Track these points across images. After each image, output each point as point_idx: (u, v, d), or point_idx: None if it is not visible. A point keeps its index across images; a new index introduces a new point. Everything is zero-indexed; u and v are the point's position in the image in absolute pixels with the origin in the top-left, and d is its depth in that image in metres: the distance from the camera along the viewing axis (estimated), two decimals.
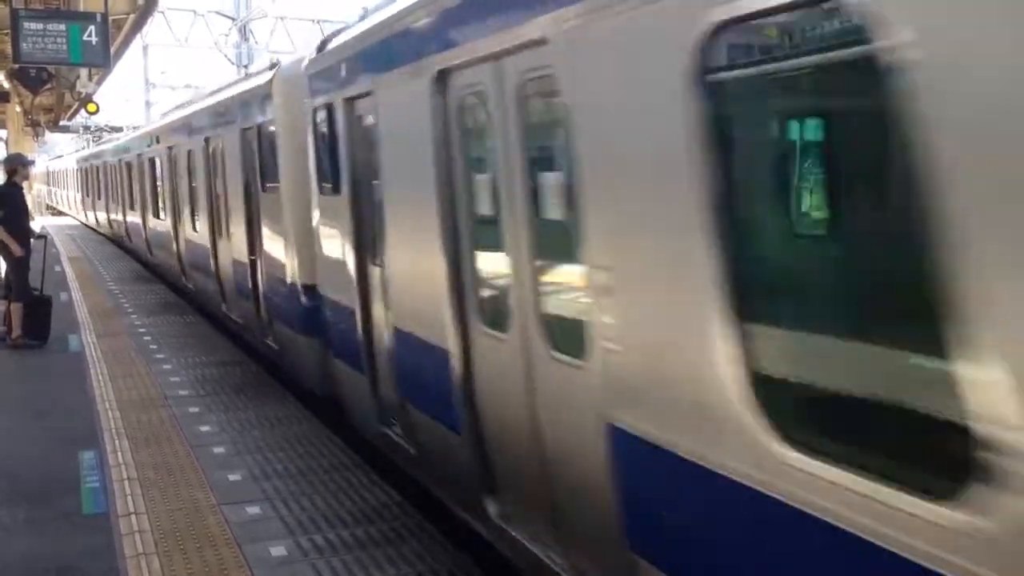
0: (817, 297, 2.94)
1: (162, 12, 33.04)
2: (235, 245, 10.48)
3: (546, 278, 4.07)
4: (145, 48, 44.28)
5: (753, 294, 2.79)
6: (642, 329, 3.24)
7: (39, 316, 11.33)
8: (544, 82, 3.76)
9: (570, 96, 3.54)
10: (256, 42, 34.39)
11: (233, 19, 34.95)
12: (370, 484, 6.29)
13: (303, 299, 8.06)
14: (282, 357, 9.21)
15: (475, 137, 4.73)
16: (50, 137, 53.23)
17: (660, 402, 3.14)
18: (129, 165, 20.75)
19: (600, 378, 3.49)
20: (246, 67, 29.00)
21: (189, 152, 13.04)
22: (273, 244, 8.91)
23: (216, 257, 11.70)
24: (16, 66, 16.90)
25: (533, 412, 4.13)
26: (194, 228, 13.08)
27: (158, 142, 16.31)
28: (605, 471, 3.49)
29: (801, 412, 2.78)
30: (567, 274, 3.84)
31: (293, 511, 5.83)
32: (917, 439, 2.42)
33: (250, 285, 9.88)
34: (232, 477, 6.47)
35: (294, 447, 7.14)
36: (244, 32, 34.40)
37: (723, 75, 2.84)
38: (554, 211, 3.87)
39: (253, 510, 5.85)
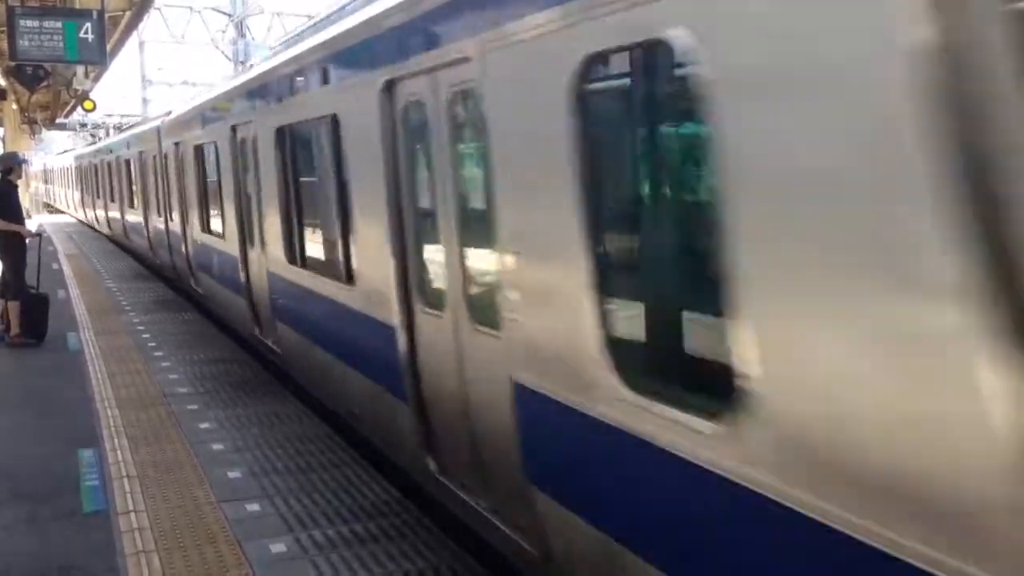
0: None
1: (158, 8, 33.12)
2: None
3: None
4: (141, 45, 44.34)
5: None
6: None
7: (36, 314, 11.32)
8: None
9: None
10: (252, 38, 34.32)
11: (229, 15, 34.89)
12: (370, 480, 6.29)
13: None
14: None
15: None
16: (47, 135, 53.21)
17: None
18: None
19: None
20: (243, 63, 28.89)
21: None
22: None
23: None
24: (12, 63, 16.90)
25: None
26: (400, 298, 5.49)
27: (258, 108, 8.65)
28: None
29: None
30: None
31: (293, 508, 5.83)
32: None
33: None
34: (232, 474, 6.48)
35: (293, 444, 7.14)
36: (241, 28, 34.32)
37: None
38: None
39: (253, 507, 5.85)
